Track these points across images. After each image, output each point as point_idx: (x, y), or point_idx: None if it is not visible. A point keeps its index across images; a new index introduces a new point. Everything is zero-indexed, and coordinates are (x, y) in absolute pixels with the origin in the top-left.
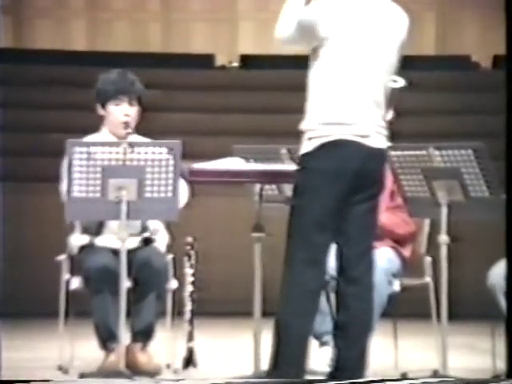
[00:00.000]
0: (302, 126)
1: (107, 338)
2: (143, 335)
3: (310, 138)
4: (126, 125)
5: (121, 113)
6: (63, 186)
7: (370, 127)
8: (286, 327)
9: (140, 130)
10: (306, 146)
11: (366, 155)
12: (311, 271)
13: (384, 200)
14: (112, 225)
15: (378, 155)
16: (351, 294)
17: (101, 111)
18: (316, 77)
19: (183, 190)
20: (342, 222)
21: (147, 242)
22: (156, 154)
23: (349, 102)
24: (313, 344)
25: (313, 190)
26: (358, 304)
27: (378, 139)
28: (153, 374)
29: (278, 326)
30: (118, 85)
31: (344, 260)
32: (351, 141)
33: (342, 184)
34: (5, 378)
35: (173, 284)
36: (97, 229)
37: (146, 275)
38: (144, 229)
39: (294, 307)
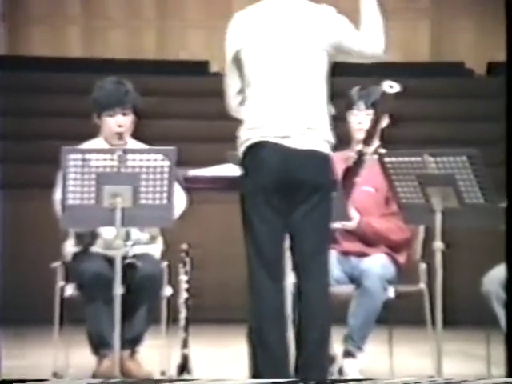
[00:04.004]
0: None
1: (100, 345)
2: (132, 343)
3: (239, 144)
4: (120, 135)
5: (114, 124)
6: (57, 196)
7: (290, 128)
8: (257, 334)
9: (135, 136)
10: (239, 152)
11: (287, 155)
12: (267, 275)
13: (379, 206)
14: (105, 231)
15: (303, 156)
16: (300, 305)
17: (96, 120)
18: (242, 87)
19: (181, 198)
20: (289, 227)
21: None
22: (151, 161)
23: (266, 106)
24: None
25: (248, 194)
26: (307, 311)
27: (303, 140)
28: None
29: (251, 334)
30: (111, 96)
31: (294, 267)
32: (269, 142)
33: (266, 184)
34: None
35: (167, 291)
36: (91, 237)
37: (139, 283)
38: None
39: (257, 309)
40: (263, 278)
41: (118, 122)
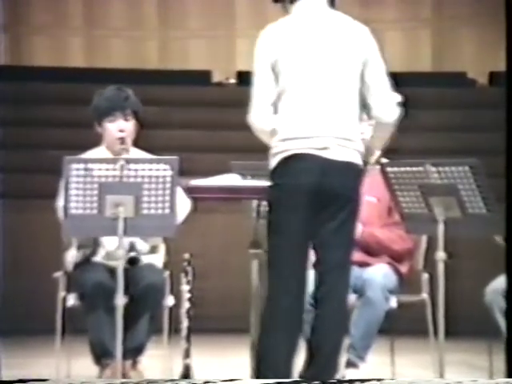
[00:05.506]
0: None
1: (101, 355)
2: (134, 353)
3: (272, 155)
4: (122, 140)
5: (116, 129)
6: (59, 203)
7: (328, 140)
8: (263, 340)
9: (138, 146)
10: (271, 163)
11: (324, 167)
12: (284, 287)
13: (381, 216)
14: (108, 242)
15: (340, 167)
16: (316, 316)
17: (98, 129)
18: (278, 97)
19: (184, 202)
20: (315, 239)
21: (133, 261)
22: (153, 171)
23: (304, 118)
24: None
25: (279, 205)
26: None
27: (340, 151)
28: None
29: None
30: (111, 101)
31: (316, 278)
32: (307, 154)
33: (302, 196)
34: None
35: (169, 301)
36: (93, 247)
37: (141, 293)
38: (132, 248)
39: (268, 317)
40: (281, 289)
41: (120, 126)
